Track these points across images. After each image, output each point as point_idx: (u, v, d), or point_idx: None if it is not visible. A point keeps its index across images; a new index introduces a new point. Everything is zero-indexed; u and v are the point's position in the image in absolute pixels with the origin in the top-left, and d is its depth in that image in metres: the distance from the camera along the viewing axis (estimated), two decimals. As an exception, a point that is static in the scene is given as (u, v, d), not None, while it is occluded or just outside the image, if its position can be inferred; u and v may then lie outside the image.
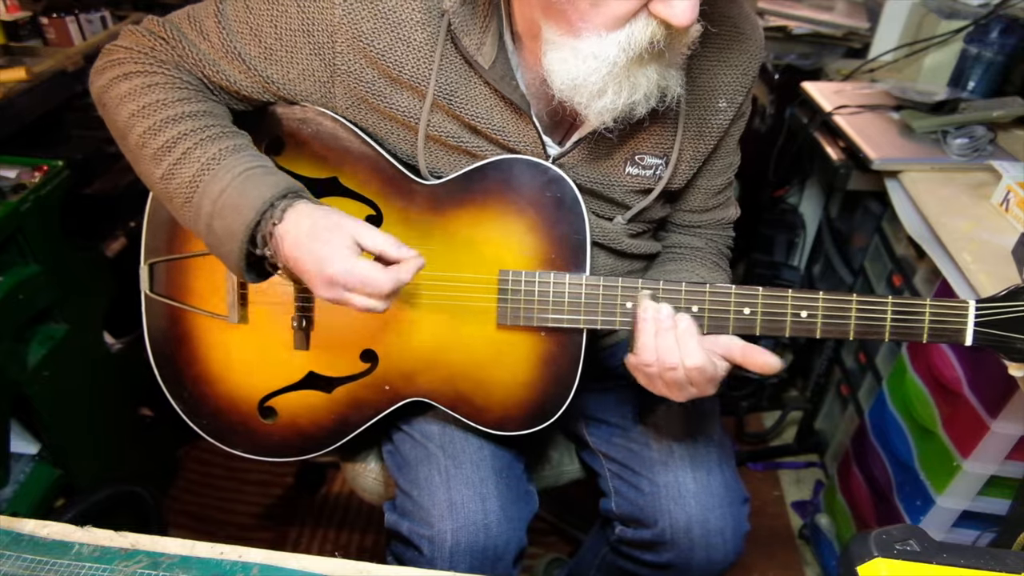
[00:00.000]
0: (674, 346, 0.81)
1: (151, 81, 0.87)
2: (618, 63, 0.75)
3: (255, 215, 0.79)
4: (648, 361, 0.82)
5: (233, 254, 0.81)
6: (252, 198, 0.80)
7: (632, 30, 0.74)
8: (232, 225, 0.80)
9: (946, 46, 1.75)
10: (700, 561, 1.00)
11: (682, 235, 1.09)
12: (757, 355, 0.83)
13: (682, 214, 1.07)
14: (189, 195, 0.83)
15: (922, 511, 1.36)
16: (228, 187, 0.81)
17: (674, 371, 0.81)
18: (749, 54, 0.96)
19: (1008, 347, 0.83)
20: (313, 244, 0.78)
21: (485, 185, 0.92)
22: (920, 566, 0.62)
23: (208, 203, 0.81)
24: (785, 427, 2.09)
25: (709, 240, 1.09)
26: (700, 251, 1.07)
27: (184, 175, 0.83)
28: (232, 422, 1.01)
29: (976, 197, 1.38)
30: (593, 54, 0.76)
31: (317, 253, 0.78)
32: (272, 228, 0.80)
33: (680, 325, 0.82)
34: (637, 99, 0.80)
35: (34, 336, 1.35)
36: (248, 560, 0.74)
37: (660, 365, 0.82)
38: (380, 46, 0.86)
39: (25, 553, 0.73)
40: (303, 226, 0.79)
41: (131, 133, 0.86)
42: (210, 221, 0.81)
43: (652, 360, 0.82)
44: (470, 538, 0.93)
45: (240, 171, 0.82)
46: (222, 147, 0.84)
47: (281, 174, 0.84)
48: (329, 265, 0.77)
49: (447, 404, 0.96)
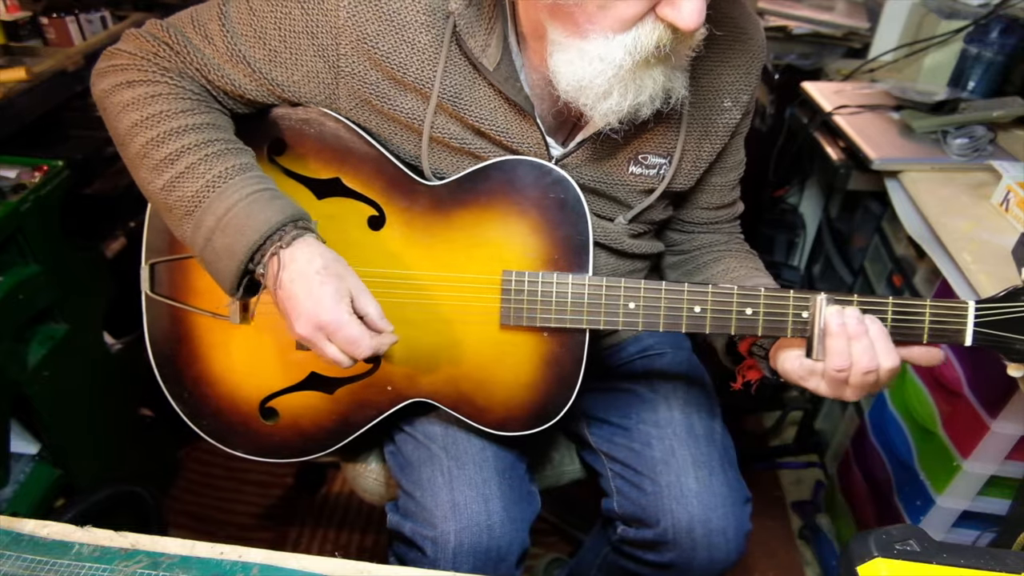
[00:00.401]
0: (870, 351, 0.81)
1: (155, 91, 0.87)
2: (624, 66, 0.75)
3: (260, 238, 0.80)
4: (842, 366, 0.81)
5: (230, 271, 0.82)
6: (259, 221, 0.81)
7: (639, 33, 0.74)
8: (234, 245, 0.81)
9: (946, 46, 1.75)
10: (702, 561, 1.00)
11: (706, 234, 1.11)
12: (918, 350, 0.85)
13: (700, 212, 1.08)
14: (191, 209, 0.83)
15: (922, 511, 1.36)
16: (235, 206, 0.81)
17: (870, 374, 0.81)
18: (752, 54, 0.96)
19: (1007, 347, 0.84)
20: (316, 284, 0.80)
21: (488, 186, 0.92)
22: (920, 566, 0.63)
23: (212, 219, 0.82)
24: (785, 427, 2.09)
25: (729, 234, 1.12)
26: (728, 244, 1.10)
27: (187, 189, 0.83)
28: (233, 423, 1.01)
29: (976, 197, 1.38)
30: (600, 56, 0.75)
31: (317, 294, 0.80)
32: (277, 250, 0.81)
33: (872, 328, 0.82)
34: (643, 101, 0.80)
35: (34, 336, 1.35)
36: (248, 560, 0.74)
37: (854, 370, 0.81)
38: (384, 48, 0.86)
39: (25, 553, 0.73)
40: (314, 263, 0.81)
41: (133, 142, 0.86)
42: (211, 236, 0.82)
43: (846, 365, 0.81)
44: (473, 539, 0.93)
45: (248, 192, 0.83)
46: (229, 165, 0.84)
47: (288, 200, 0.85)
48: (325, 312, 0.79)
49: (449, 405, 0.96)
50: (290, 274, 0.80)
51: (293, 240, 0.81)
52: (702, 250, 1.11)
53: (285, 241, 0.81)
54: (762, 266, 1.08)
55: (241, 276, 0.82)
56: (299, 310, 0.80)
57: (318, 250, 0.82)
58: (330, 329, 0.80)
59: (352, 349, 0.81)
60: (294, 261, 0.80)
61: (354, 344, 0.80)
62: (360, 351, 0.81)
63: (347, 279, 0.82)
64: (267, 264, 0.81)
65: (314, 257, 0.81)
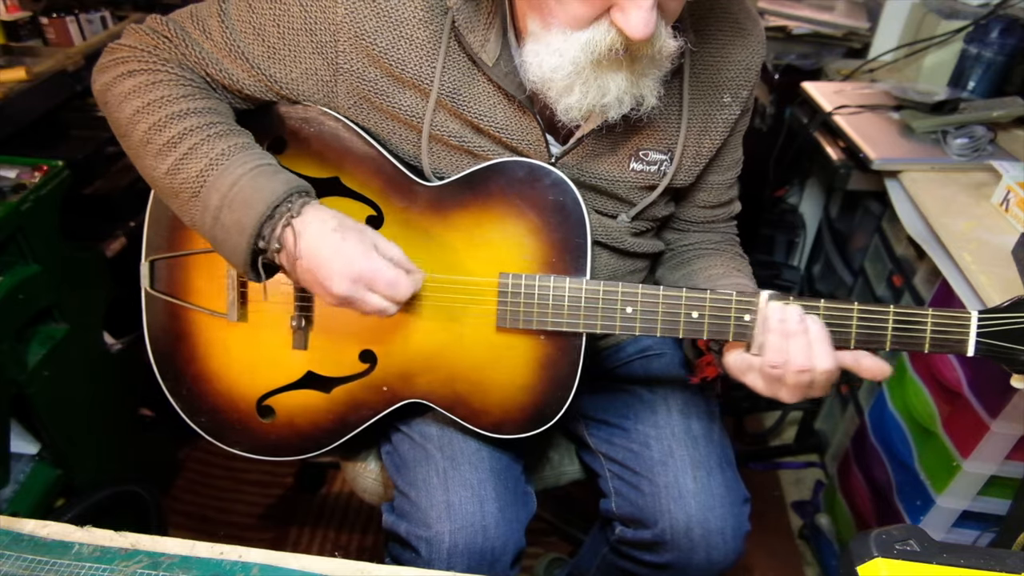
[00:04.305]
0: (807, 349, 0.81)
1: (155, 79, 0.87)
2: (579, 63, 0.77)
3: (267, 208, 0.80)
4: (776, 363, 0.81)
5: (240, 247, 0.81)
6: (266, 192, 0.80)
7: (593, 34, 0.76)
8: (243, 218, 0.80)
9: (946, 46, 1.75)
10: (700, 561, 1.00)
11: (700, 232, 1.11)
12: (868, 360, 0.83)
13: (697, 210, 1.08)
14: (196, 189, 0.83)
15: (922, 511, 1.36)
16: (239, 180, 0.81)
17: (805, 374, 0.81)
18: (751, 50, 0.96)
19: (1011, 358, 0.82)
20: (340, 241, 0.80)
21: (486, 187, 0.91)
22: (920, 566, 0.62)
23: (217, 196, 0.81)
24: (785, 427, 2.09)
25: (723, 234, 1.11)
26: (720, 244, 1.09)
27: (191, 170, 0.83)
28: (230, 420, 1.01)
29: (976, 197, 1.38)
30: (559, 51, 0.78)
31: (344, 250, 0.79)
32: (289, 220, 0.80)
33: (812, 328, 0.82)
34: (608, 102, 0.81)
35: (34, 336, 1.35)
36: (248, 560, 0.74)
37: (788, 368, 0.81)
38: (383, 44, 0.86)
39: (25, 553, 0.73)
40: (329, 223, 0.80)
41: (135, 130, 0.86)
42: (218, 214, 0.81)
43: (780, 362, 0.81)
44: (468, 539, 0.93)
45: (252, 166, 0.82)
46: (231, 143, 0.84)
47: (289, 172, 0.85)
48: (358, 262, 0.79)
49: (445, 406, 0.96)
50: (308, 240, 0.80)
51: (303, 208, 0.81)
52: (691, 247, 1.11)
53: (295, 210, 0.81)
54: (747, 269, 1.07)
55: (253, 251, 0.82)
56: (331, 269, 0.80)
57: (328, 212, 0.82)
58: (368, 277, 0.80)
59: (394, 291, 0.81)
60: (308, 226, 0.80)
61: (395, 286, 0.80)
62: (402, 290, 0.81)
63: (366, 229, 0.83)
64: (282, 238, 0.81)
65: (327, 218, 0.81)
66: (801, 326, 0.82)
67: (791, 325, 0.82)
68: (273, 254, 0.82)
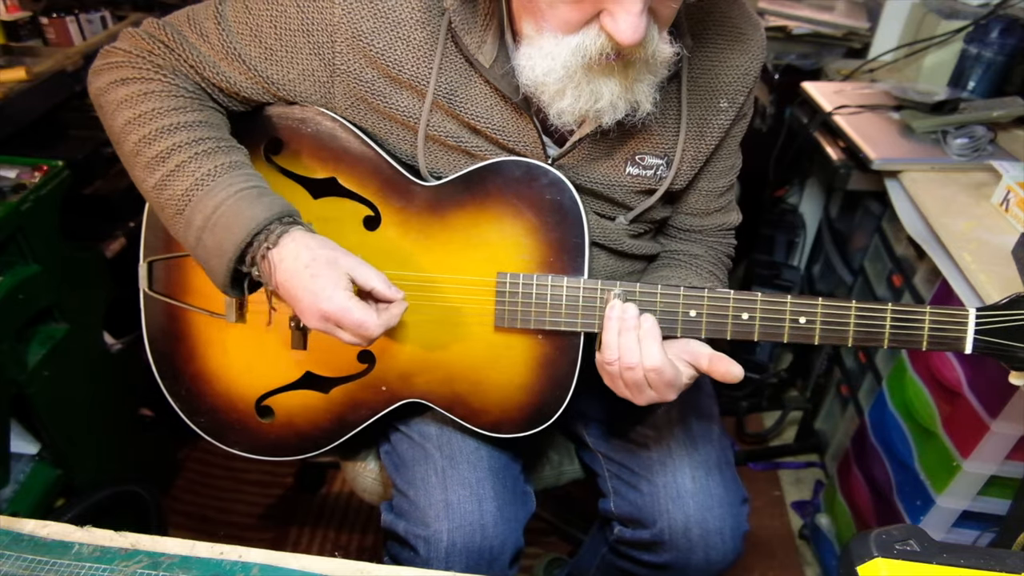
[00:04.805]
0: (635, 346, 0.82)
1: (147, 88, 0.87)
2: (570, 67, 0.77)
3: (247, 235, 0.80)
4: (610, 359, 0.83)
5: (220, 270, 0.82)
6: (246, 219, 0.80)
7: (584, 38, 0.75)
8: (223, 243, 0.81)
9: (946, 46, 1.75)
10: (699, 561, 1.00)
11: (682, 242, 1.08)
12: (723, 364, 0.84)
13: (683, 218, 1.06)
14: (181, 207, 0.83)
15: (922, 511, 1.36)
16: (222, 204, 0.81)
17: (632, 371, 0.82)
18: (750, 55, 0.95)
19: (1009, 356, 0.82)
20: (308, 279, 0.80)
21: (484, 187, 0.91)
22: (920, 566, 0.62)
23: (200, 218, 0.82)
24: (785, 427, 2.09)
25: (709, 247, 1.08)
26: (698, 258, 1.05)
27: (177, 188, 0.83)
28: (230, 420, 1.01)
29: (976, 197, 1.38)
30: (551, 54, 0.77)
31: (312, 287, 0.79)
32: (265, 252, 0.81)
33: (644, 326, 0.83)
34: (602, 107, 0.81)
35: (34, 336, 1.35)
36: (248, 560, 0.74)
37: (620, 364, 0.83)
38: (380, 45, 0.86)
39: (25, 553, 0.73)
40: (302, 258, 0.80)
41: (126, 140, 0.86)
42: (200, 235, 0.82)
43: (613, 359, 0.83)
44: (466, 538, 0.93)
45: (236, 190, 0.82)
46: (218, 163, 0.84)
47: (276, 196, 0.84)
48: (325, 302, 0.79)
49: (444, 406, 0.96)
50: (282, 274, 0.80)
51: (279, 238, 0.81)
52: (667, 255, 1.08)
53: (271, 241, 0.81)
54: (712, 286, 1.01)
55: (233, 275, 0.82)
56: (301, 307, 0.81)
57: (303, 243, 0.81)
58: (335, 318, 0.80)
59: (362, 332, 0.80)
60: (283, 260, 0.80)
61: (361, 327, 0.80)
62: (370, 331, 0.80)
63: (339, 262, 0.81)
64: (260, 267, 0.82)
65: (300, 251, 0.80)
66: (633, 322, 0.83)
67: (626, 322, 0.83)
68: (256, 278, 0.83)
